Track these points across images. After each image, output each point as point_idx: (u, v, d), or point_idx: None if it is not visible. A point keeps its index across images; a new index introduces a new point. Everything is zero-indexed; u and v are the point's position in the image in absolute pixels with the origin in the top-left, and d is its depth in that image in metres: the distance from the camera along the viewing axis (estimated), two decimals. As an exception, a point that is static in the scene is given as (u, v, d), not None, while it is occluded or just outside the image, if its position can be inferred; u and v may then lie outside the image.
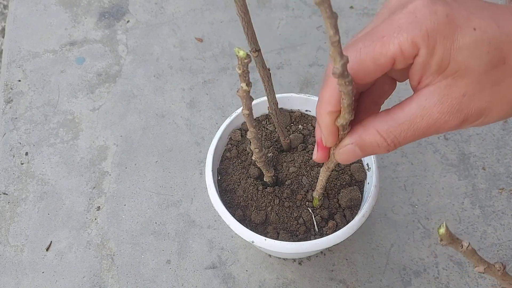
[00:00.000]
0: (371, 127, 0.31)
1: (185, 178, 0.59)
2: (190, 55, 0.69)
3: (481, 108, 0.29)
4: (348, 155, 0.33)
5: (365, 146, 0.32)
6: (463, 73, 0.28)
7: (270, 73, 0.41)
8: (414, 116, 0.29)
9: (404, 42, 0.28)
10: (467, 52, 0.28)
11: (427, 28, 0.27)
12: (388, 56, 0.28)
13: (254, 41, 0.37)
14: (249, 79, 0.32)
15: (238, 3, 0.33)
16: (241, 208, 0.45)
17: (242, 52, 0.30)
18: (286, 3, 0.74)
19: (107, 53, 0.70)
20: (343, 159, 0.34)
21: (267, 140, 0.49)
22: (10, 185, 0.59)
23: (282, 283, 0.52)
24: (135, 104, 0.65)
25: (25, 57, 0.69)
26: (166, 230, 0.55)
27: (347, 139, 0.32)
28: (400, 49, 0.28)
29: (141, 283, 0.52)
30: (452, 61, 0.28)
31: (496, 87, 0.29)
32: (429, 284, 0.51)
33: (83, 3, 0.75)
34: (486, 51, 0.28)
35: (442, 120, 0.29)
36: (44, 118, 0.64)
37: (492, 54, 0.28)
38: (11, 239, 0.55)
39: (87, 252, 0.54)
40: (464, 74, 0.28)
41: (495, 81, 0.29)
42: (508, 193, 0.57)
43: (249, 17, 0.35)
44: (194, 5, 0.74)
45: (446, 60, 0.28)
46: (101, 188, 0.58)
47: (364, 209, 0.43)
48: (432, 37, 0.27)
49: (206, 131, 0.62)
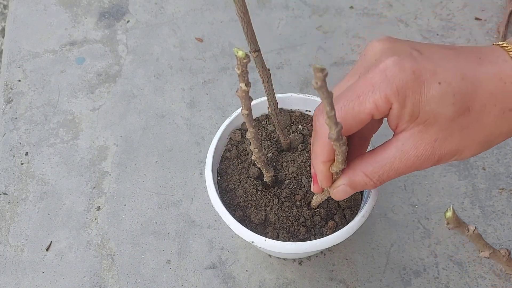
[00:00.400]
0: (358, 169, 0.35)
1: (185, 178, 0.59)
2: (190, 55, 0.69)
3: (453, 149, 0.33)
4: (341, 194, 0.38)
5: (355, 186, 0.36)
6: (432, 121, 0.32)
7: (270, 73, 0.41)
8: (394, 159, 0.34)
9: (378, 99, 0.31)
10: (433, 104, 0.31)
11: (397, 85, 0.31)
12: (365, 113, 0.32)
13: (254, 41, 0.37)
14: (248, 79, 0.32)
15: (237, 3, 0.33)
16: (241, 208, 0.45)
17: (241, 52, 0.30)
18: (286, 3, 0.74)
19: (107, 53, 0.70)
20: (337, 197, 0.38)
21: (267, 140, 0.49)
22: (10, 185, 0.59)
23: (282, 283, 0.52)
24: (135, 104, 0.65)
25: (25, 57, 0.69)
26: (166, 230, 0.55)
27: (340, 181, 0.37)
28: (375, 106, 0.31)
29: (141, 283, 0.52)
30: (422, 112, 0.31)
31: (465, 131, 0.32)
32: (429, 284, 0.51)
33: (83, 3, 0.75)
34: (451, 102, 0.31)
35: (418, 162, 0.33)
36: (44, 118, 0.64)
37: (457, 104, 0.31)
38: (11, 239, 0.55)
39: (87, 252, 0.54)
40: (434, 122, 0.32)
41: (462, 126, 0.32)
42: (508, 193, 0.57)
43: (248, 17, 0.35)
44: (194, 5, 0.74)
45: (416, 111, 0.31)
46: (101, 188, 0.58)
47: (364, 209, 0.43)
48: (402, 93, 0.31)
49: (206, 131, 0.62)
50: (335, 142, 0.31)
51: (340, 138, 0.31)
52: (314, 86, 0.26)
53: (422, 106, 0.31)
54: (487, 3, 0.72)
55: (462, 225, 0.27)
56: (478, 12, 0.72)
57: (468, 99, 0.31)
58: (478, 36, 0.69)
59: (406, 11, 0.73)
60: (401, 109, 0.31)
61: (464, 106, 0.31)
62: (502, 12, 0.71)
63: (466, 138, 0.33)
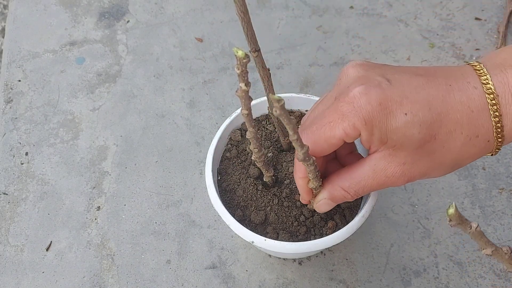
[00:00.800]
0: (336, 184, 0.38)
1: (185, 178, 0.59)
2: (190, 55, 0.69)
3: (422, 172, 0.35)
4: (324, 207, 0.40)
5: (335, 199, 0.39)
6: (400, 147, 0.34)
7: (270, 73, 0.41)
8: (367, 177, 0.36)
9: (347, 127, 0.33)
10: (400, 133, 0.33)
11: (364, 116, 0.33)
12: (336, 138, 0.34)
13: (254, 41, 0.37)
14: (248, 79, 0.32)
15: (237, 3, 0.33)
16: (241, 208, 0.45)
17: (240, 52, 0.30)
18: (286, 3, 0.74)
19: (107, 53, 0.70)
20: (320, 210, 0.41)
21: (267, 140, 0.49)
22: (10, 185, 0.59)
23: (282, 283, 0.52)
24: (135, 104, 0.65)
25: (25, 57, 0.69)
26: (166, 230, 0.55)
27: (321, 195, 0.40)
28: (345, 133, 0.34)
29: (141, 283, 0.52)
30: (389, 139, 0.33)
31: (432, 156, 0.34)
32: (429, 284, 0.51)
33: (83, 3, 0.75)
34: (417, 131, 0.33)
35: (390, 181, 0.36)
36: (44, 118, 0.64)
37: (422, 133, 0.33)
38: (11, 239, 0.55)
39: (87, 252, 0.54)
40: (401, 148, 0.34)
41: (429, 152, 0.34)
42: (508, 193, 0.57)
43: (248, 17, 0.35)
44: (194, 5, 0.74)
45: (384, 138, 0.33)
46: (101, 188, 0.58)
47: (364, 209, 0.43)
48: (368, 123, 0.33)
49: (206, 131, 0.62)
50: (303, 162, 0.34)
51: (307, 159, 0.34)
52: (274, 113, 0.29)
53: (389, 135, 0.33)
54: (487, 3, 0.72)
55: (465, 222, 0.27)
56: (478, 12, 0.72)
57: (434, 127, 0.33)
58: (478, 36, 0.69)
59: (406, 11, 0.73)
60: (370, 136, 0.34)
61: (430, 134, 0.33)
62: (502, 12, 0.71)
63: (433, 163, 0.35)
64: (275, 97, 0.28)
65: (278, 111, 0.29)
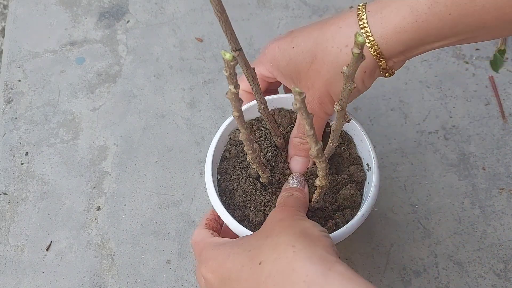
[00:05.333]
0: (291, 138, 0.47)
1: (185, 178, 0.59)
2: (190, 55, 0.69)
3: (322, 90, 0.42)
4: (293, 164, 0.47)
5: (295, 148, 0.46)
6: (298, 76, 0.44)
7: (255, 73, 0.41)
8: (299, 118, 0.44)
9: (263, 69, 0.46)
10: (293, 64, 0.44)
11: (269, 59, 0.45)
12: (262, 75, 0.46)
13: (234, 40, 0.37)
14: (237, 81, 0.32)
15: (213, 3, 0.33)
16: (240, 208, 0.45)
17: (228, 54, 0.30)
18: (286, 3, 0.74)
19: (107, 53, 0.70)
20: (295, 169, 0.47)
21: (266, 140, 0.49)
22: (10, 185, 0.59)
23: (282, 283, 0.51)
24: (135, 104, 0.65)
25: (25, 57, 0.69)
26: (166, 230, 0.55)
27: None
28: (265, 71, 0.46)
29: (141, 283, 0.52)
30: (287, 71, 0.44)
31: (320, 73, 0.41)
32: (429, 284, 0.51)
33: (83, 3, 0.75)
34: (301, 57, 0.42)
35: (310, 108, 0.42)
36: (44, 118, 0.64)
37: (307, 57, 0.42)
38: (11, 239, 0.55)
39: (87, 252, 0.54)
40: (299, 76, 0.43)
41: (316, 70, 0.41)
42: (508, 193, 0.57)
43: (226, 16, 0.35)
44: (194, 5, 0.74)
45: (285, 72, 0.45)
46: (101, 188, 0.58)
47: (363, 209, 0.43)
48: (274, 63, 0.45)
49: (206, 131, 0.62)
50: (316, 159, 0.35)
51: (321, 156, 0.35)
52: (294, 107, 0.30)
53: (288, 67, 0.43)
54: (487, 3, 0.72)
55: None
56: (478, 12, 0.71)
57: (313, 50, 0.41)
58: (478, 36, 0.69)
59: (406, 11, 0.72)
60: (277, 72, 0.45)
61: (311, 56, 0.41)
62: (502, 12, 0.71)
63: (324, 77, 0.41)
64: (297, 89, 0.28)
65: (299, 104, 0.28)
